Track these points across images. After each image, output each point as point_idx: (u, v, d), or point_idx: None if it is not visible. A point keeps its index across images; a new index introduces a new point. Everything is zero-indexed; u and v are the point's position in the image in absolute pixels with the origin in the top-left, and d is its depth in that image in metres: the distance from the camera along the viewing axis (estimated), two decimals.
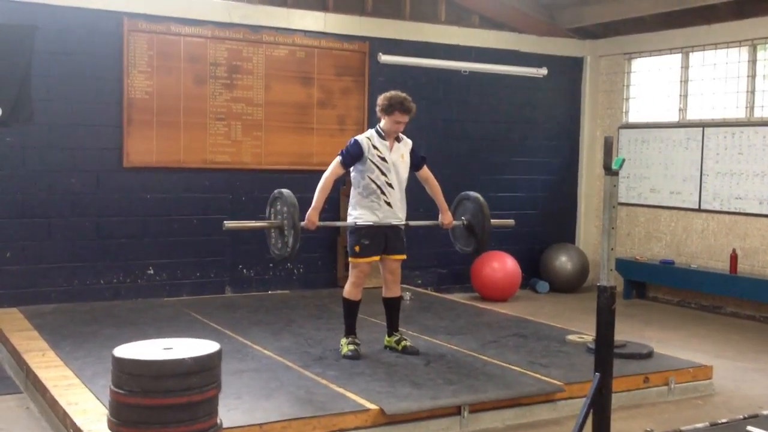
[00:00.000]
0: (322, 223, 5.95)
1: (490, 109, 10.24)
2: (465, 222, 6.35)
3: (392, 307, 6.25)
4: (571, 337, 6.82)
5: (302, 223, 5.70)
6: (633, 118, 10.53)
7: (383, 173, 5.94)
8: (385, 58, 9.42)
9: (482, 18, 10.14)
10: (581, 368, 5.77)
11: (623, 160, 4.74)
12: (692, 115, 9.77)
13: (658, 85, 10.17)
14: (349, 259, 6.09)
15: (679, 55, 9.85)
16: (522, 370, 5.75)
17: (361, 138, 5.98)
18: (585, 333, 6.89)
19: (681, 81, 9.85)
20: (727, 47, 9.31)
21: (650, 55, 10.24)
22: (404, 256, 6.18)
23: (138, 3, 8.19)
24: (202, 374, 4.15)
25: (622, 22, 10.05)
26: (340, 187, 8.52)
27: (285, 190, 5.72)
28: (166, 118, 8.35)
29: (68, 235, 8.01)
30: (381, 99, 6.00)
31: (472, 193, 6.42)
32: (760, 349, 7.54)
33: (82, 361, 5.67)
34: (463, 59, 9.91)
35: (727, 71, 9.35)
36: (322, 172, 9.17)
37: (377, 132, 6.01)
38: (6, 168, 7.73)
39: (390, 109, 5.91)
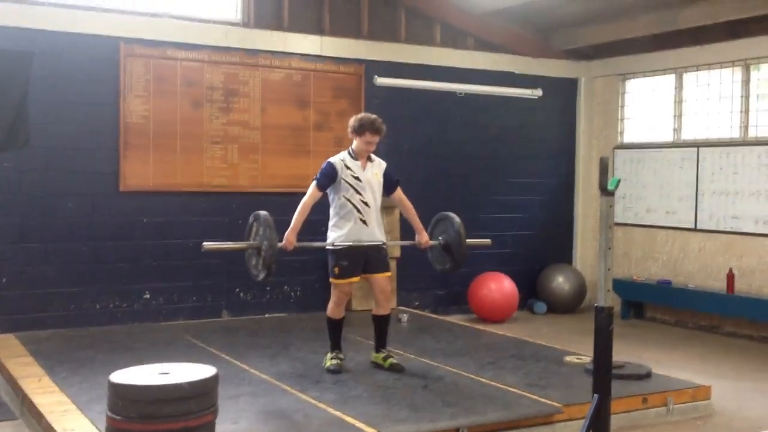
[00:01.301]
0: (300, 244, 6.05)
1: (486, 131, 10.27)
2: (441, 241, 6.40)
3: (381, 324, 6.34)
4: (569, 358, 6.81)
5: (280, 244, 5.83)
6: (628, 138, 10.56)
7: (358, 192, 6.09)
8: (381, 81, 9.47)
9: (477, 40, 10.20)
10: (580, 389, 5.75)
11: (619, 181, 4.76)
12: (687, 135, 9.80)
13: (653, 106, 10.22)
14: (330, 280, 6.22)
15: (673, 75, 9.91)
16: (520, 392, 5.73)
17: (334, 159, 6.16)
18: (583, 354, 6.87)
19: (675, 101, 9.90)
20: (720, 68, 9.37)
21: (644, 76, 10.29)
22: (389, 273, 6.33)
23: (134, 28, 8.23)
24: (199, 399, 4.14)
25: (616, 43, 10.12)
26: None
27: (262, 212, 5.86)
28: (162, 141, 8.36)
29: (65, 260, 7.99)
30: (352, 120, 6.21)
31: (448, 213, 6.50)
32: (759, 369, 7.52)
33: (78, 387, 5.64)
34: (458, 81, 9.96)
35: (721, 91, 9.41)
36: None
37: (349, 153, 6.19)
38: (3, 192, 7.73)
39: (361, 129, 6.11)
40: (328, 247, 6.17)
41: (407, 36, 9.77)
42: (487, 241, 7.08)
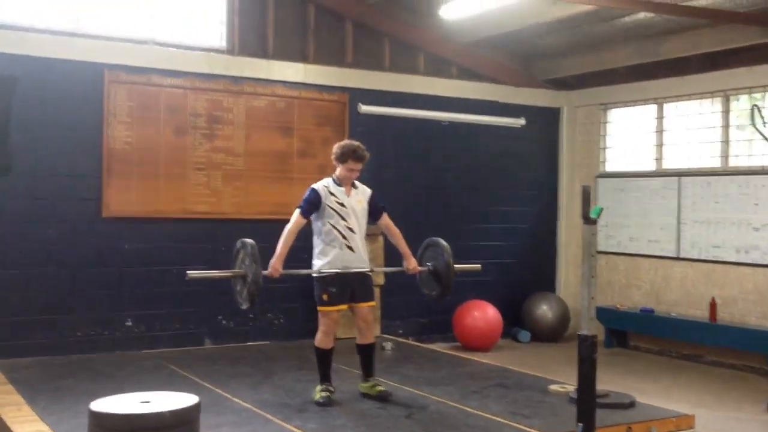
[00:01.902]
0: (285, 271, 6.02)
1: (469, 159, 10.32)
2: (430, 267, 6.39)
3: (366, 353, 6.30)
4: (553, 387, 6.79)
5: (266, 272, 5.82)
6: (610, 167, 10.64)
7: (343, 218, 6.09)
8: (365, 109, 9.51)
9: (461, 69, 10.28)
10: (564, 418, 5.72)
11: (601, 209, 4.80)
12: (668, 165, 9.89)
13: (634, 135, 10.32)
14: (318, 308, 6.15)
15: (654, 105, 10.01)
16: (505, 421, 5.71)
17: (318, 186, 6.18)
18: (567, 383, 6.86)
19: (656, 131, 10.00)
20: (701, 98, 9.48)
21: (626, 106, 10.40)
22: (374, 303, 6.32)
23: (119, 55, 8.23)
24: (181, 428, 4.11)
25: (598, 73, 10.23)
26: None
27: (248, 240, 5.85)
28: (145, 168, 8.34)
29: (45, 287, 7.91)
30: (335, 148, 6.23)
31: (436, 239, 6.49)
32: (742, 398, 7.54)
33: (59, 416, 5.56)
34: (442, 110, 10.02)
35: (702, 121, 9.51)
36: None
37: (333, 180, 6.20)
38: None
39: (343, 157, 6.13)
40: (314, 275, 6.14)
41: (391, 64, 9.84)
42: (477, 266, 7.07)
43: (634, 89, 10.13)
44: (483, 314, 9.60)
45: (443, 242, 6.40)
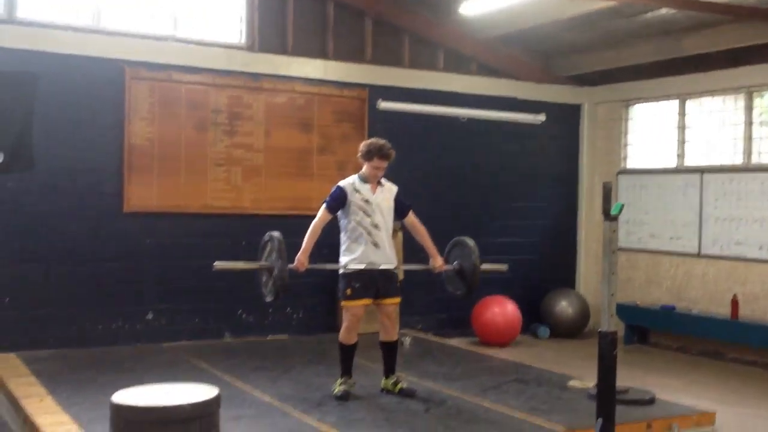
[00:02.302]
0: (311, 266, 6.04)
1: (489, 156, 10.30)
2: (457, 266, 6.38)
3: (389, 350, 6.29)
4: (572, 382, 6.77)
5: (292, 266, 5.84)
6: (631, 163, 10.58)
7: (368, 215, 6.07)
8: (384, 105, 9.50)
9: (480, 65, 10.26)
10: (583, 414, 5.71)
11: (622, 206, 4.78)
12: (690, 161, 9.82)
13: (656, 132, 10.25)
14: (342, 303, 6.17)
15: (676, 101, 9.95)
16: (523, 417, 5.70)
17: (344, 183, 6.15)
18: (587, 379, 6.84)
19: (678, 127, 9.93)
20: (724, 94, 9.41)
21: (647, 102, 10.34)
22: (399, 299, 6.27)
23: (139, 51, 8.28)
24: (201, 420, 4.13)
25: (619, 69, 10.17)
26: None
27: (275, 233, 5.88)
28: (166, 164, 8.39)
29: (67, 281, 7.99)
30: (361, 146, 6.20)
31: (464, 238, 6.47)
32: (763, 395, 7.48)
33: (80, 407, 5.62)
34: (461, 106, 9.99)
35: (724, 118, 9.44)
36: None
37: (359, 177, 6.17)
38: (6, 213, 7.74)
39: (369, 155, 6.09)
40: (340, 271, 6.15)
41: (411, 61, 9.83)
42: (504, 266, 6.99)
43: (656, 85, 10.07)
44: (502, 310, 9.58)
45: (471, 241, 6.37)
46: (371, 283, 6.04)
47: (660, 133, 10.20)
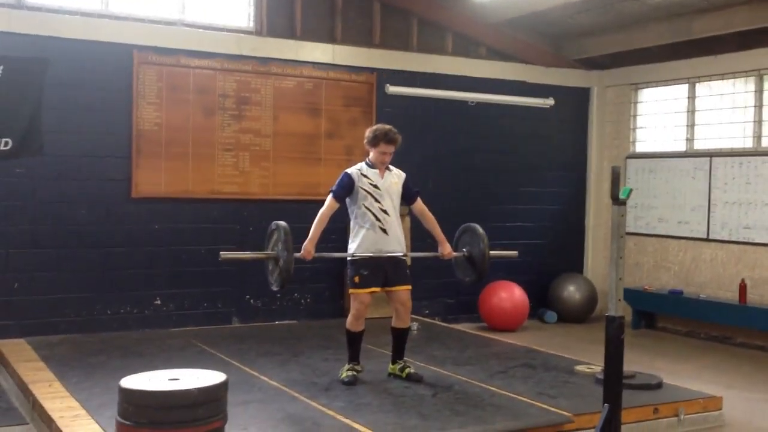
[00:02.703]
0: (318, 254, 6.04)
1: (498, 140, 10.28)
2: (466, 253, 6.37)
3: (400, 336, 6.30)
4: (579, 367, 6.78)
5: (298, 254, 5.82)
6: (640, 147, 10.54)
7: (377, 200, 6.06)
8: (392, 89, 9.48)
9: (489, 49, 10.22)
10: (590, 399, 5.73)
11: (631, 190, 4.76)
12: (699, 145, 9.78)
13: (665, 115, 10.20)
14: (350, 290, 6.18)
15: (686, 85, 9.89)
16: (530, 401, 5.71)
17: (351, 169, 6.15)
18: (594, 363, 6.85)
19: (688, 111, 9.88)
20: (734, 77, 9.35)
21: (657, 86, 10.28)
22: (410, 286, 6.23)
23: (148, 36, 8.28)
24: (209, 405, 4.16)
25: (628, 52, 10.11)
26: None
27: (281, 222, 5.85)
28: (174, 149, 8.40)
29: (76, 266, 8.03)
30: (367, 131, 6.20)
31: (473, 225, 6.45)
32: None
33: (89, 392, 5.66)
34: (470, 90, 9.96)
35: (734, 101, 9.38)
36: None
37: (367, 163, 6.17)
38: (16, 199, 7.77)
39: (375, 140, 6.08)
40: (348, 258, 6.15)
41: (419, 45, 9.80)
42: (514, 253, 6.99)
43: (666, 69, 10.01)
44: (510, 295, 9.59)
45: (480, 229, 6.35)
46: (379, 270, 6.03)
47: (669, 116, 10.15)
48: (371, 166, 6.14)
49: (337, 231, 6.36)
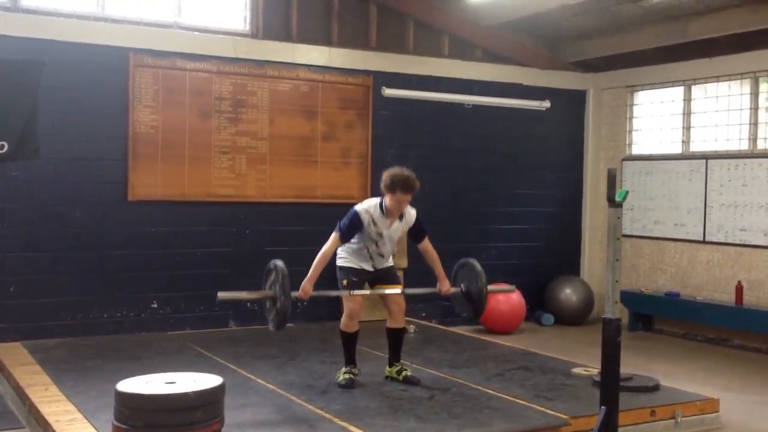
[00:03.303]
0: (316, 293, 5.93)
1: (494, 142, 10.28)
2: (463, 289, 6.37)
3: (395, 338, 6.30)
4: (576, 370, 6.78)
5: (296, 294, 5.74)
6: (636, 150, 10.55)
7: (377, 245, 6.04)
8: (388, 92, 9.48)
9: (485, 52, 10.22)
10: (587, 402, 5.72)
11: (627, 192, 4.77)
12: (695, 147, 9.79)
13: (661, 118, 10.22)
14: (341, 294, 6.16)
15: (681, 87, 9.90)
16: (527, 404, 5.71)
17: (362, 211, 5.93)
18: (591, 366, 6.84)
19: (684, 113, 9.89)
20: (729, 80, 9.36)
21: (652, 88, 10.29)
22: (401, 287, 6.27)
23: (144, 39, 8.27)
24: (206, 408, 4.15)
25: (624, 55, 10.12)
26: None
27: (279, 262, 5.74)
28: (171, 152, 8.39)
29: (72, 269, 8.01)
30: (385, 175, 5.87)
31: (471, 260, 6.42)
32: (767, 382, 7.49)
33: (85, 396, 5.65)
34: (466, 92, 9.97)
35: (730, 104, 9.40)
36: (326, 205, 9.30)
37: (381, 207, 5.94)
38: (12, 202, 7.75)
39: (392, 187, 5.81)
40: (338, 263, 6.14)
41: (415, 47, 9.80)
42: (512, 287, 7.17)
43: (662, 71, 10.02)
44: (506, 297, 9.56)
45: (478, 265, 6.31)
46: (367, 276, 6.11)
47: (665, 119, 10.16)
48: (384, 212, 5.92)
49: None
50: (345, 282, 6.06)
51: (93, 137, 8.06)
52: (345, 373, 6.15)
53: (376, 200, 6.00)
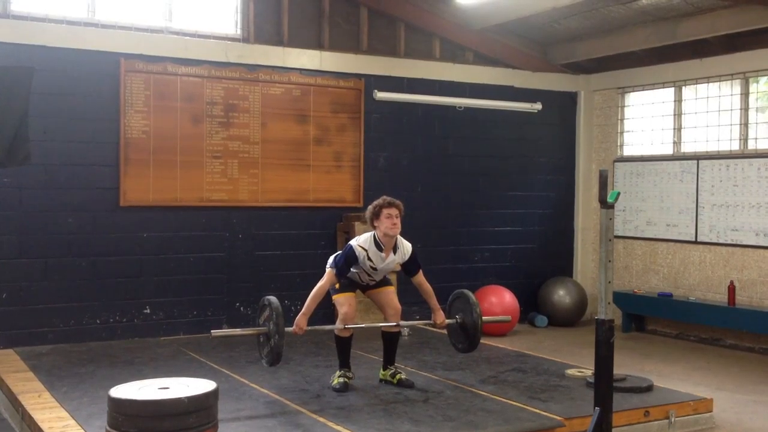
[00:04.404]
0: (310, 327, 5.95)
1: (486, 145, 10.29)
2: (458, 320, 6.38)
3: (390, 341, 6.31)
4: (570, 371, 6.79)
5: (290, 329, 5.78)
6: (628, 151, 10.58)
7: (369, 275, 6.12)
8: (380, 95, 9.49)
9: (476, 54, 10.24)
10: (581, 403, 5.74)
11: (618, 194, 4.78)
12: (687, 148, 9.82)
13: (652, 119, 10.24)
14: (333, 297, 6.19)
15: (672, 89, 9.93)
16: (521, 406, 5.72)
17: (358, 248, 5.97)
18: (584, 367, 6.86)
19: (675, 114, 9.92)
20: (720, 81, 9.40)
21: (643, 89, 10.32)
22: (393, 287, 6.35)
23: (135, 44, 8.26)
24: (199, 413, 4.14)
25: (615, 57, 10.15)
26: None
27: (273, 299, 5.78)
28: (162, 156, 8.38)
29: (65, 275, 7.99)
30: (367, 211, 6.04)
31: (465, 291, 6.47)
32: (760, 381, 7.50)
33: (78, 402, 5.63)
34: (458, 95, 9.99)
35: (720, 104, 9.43)
36: (319, 209, 9.31)
37: (375, 242, 5.99)
38: (2, 209, 7.73)
39: (376, 211, 5.94)
40: (327, 268, 6.14)
41: (406, 51, 9.81)
42: (507, 317, 7.27)
43: (652, 72, 10.06)
44: (500, 299, 9.58)
45: (473, 296, 6.36)
46: (359, 286, 6.21)
47: (656, 120, 10.19)
48: (379, 246, 5.97)
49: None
50: (337, 286, 6.07)
51: (84, 143, 8.05)
52: (339, 376, 6.16)
53: (369, 234, 6.06)
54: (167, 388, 4.23)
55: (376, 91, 9.47)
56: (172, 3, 8.61)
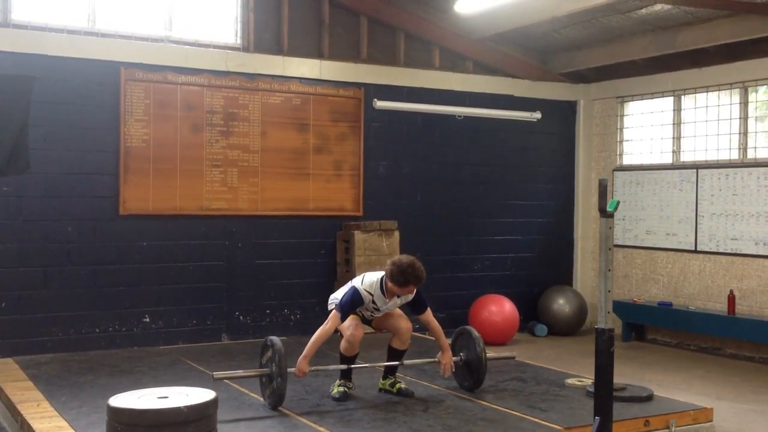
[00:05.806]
0: (312, 368, 5.94)
1: (485, 153, 10.30)
2: (463, 358, 6.37)
3: (397, 357, 6.26)
4: (570, 380, 6.78)
5: (292, 370, 5.76)
6: (627, 160, 10.59)
7: (373, 315, 6.14)
8: (380, 104, 9.51)
9: (476, 64, 10.26)
10: (581, 412, 5.72)
11: (618, 203, 4.78)
12: (686, 157, 9.83)
13: (652, 128, 10.26)
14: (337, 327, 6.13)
15: (671, 97, 9.95)
16: (521, 415, 5.70)
17: (363, 291, 5.94)
18: (584, 376, 6.85)
19: (674, 123, 9.94)
20: (719, 90, 9.41)
21: (642, 99, 10.34)
22: (399, 310, 6.27)
23: (135, 53, 8.27)
24: (198, 423, 4.13)
25: (614, 66, 10.17)
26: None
27: (276, 340, 5.77)
28: (162, 165, 8.38)
29: (64, 284, 7.98)
30: (394, 268, 5.77)
31: (468, 328, 6.48)
32: (761, 391, 7.49)
33: (78, 411, 5.62)
34: (457, 104, 10.00)
35: (720, 113, 9.44)
36: (319, 218, 9.33)
37: (381, 288, 5.95)
38: (2, 217, 7.73)
39: (404, 282, 5.75)
40: (329, 306, 6.18)
41: (406, 60, 9.83)
42: (512, 354, 7.18)
43: (652, 81, 10.08)
44: (500, 308, 9.58)
45: (475, 332, 6.36)
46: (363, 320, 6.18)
47: (655, 129, 10.20)
48: (384, 293, 5.94)
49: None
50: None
51: (84, 152, 8.05)
52: (339, 386, 6.14)
53: (375, 278, 5.99)
54: (166, 397, 4.22)
55: (375, 100, 9.49)
56: (173, 12, 8.63)
